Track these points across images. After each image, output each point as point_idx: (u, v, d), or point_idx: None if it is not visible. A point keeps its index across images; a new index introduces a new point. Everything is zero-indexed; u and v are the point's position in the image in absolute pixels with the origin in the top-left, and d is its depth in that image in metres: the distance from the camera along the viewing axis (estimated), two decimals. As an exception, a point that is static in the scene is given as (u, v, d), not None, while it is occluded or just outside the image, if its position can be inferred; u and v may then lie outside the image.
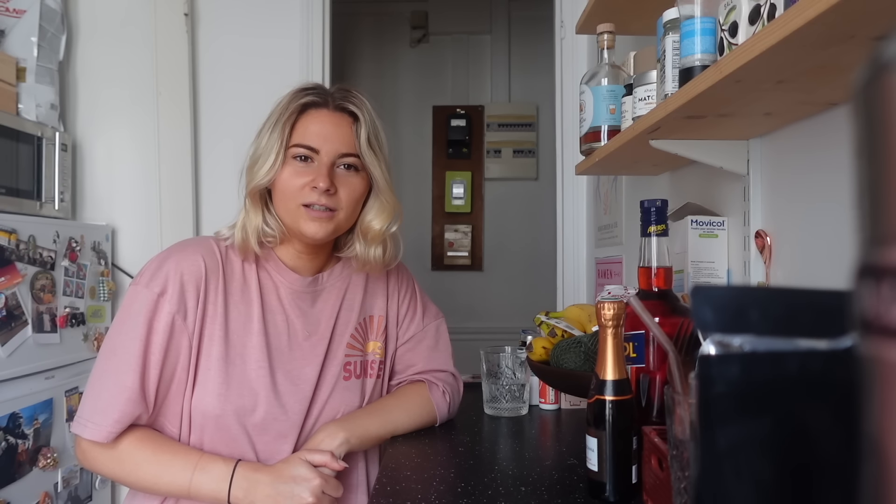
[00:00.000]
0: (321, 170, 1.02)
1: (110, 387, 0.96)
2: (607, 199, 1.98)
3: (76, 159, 2.30)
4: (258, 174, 1.03)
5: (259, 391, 1.02)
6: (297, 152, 1.03)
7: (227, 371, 1.01)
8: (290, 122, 1.03)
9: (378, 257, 1.11)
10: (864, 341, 0.22)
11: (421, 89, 3.79)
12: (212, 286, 1.02)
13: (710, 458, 0.38)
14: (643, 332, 0.86)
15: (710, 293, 0.39)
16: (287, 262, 1.10)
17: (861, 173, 0.22)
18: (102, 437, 0.95)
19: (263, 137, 1.04)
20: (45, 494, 1.85)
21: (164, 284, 0.99)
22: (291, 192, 1.02)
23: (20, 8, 2.06)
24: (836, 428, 0.36)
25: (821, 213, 0.88)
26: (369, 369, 1.14)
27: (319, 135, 1.03)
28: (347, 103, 1.06)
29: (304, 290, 1.10)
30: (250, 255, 1.07)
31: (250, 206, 1.05)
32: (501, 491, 0.85)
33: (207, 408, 1.00)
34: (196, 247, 1.05)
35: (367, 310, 1.16)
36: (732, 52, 0.69)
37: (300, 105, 1.04)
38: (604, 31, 1.23)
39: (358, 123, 1.06)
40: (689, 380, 0.60)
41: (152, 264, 1.02)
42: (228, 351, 1.01)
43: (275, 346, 1.05)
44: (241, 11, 2.38)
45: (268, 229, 1.05)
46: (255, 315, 1.04)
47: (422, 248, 3.77)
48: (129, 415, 0.96)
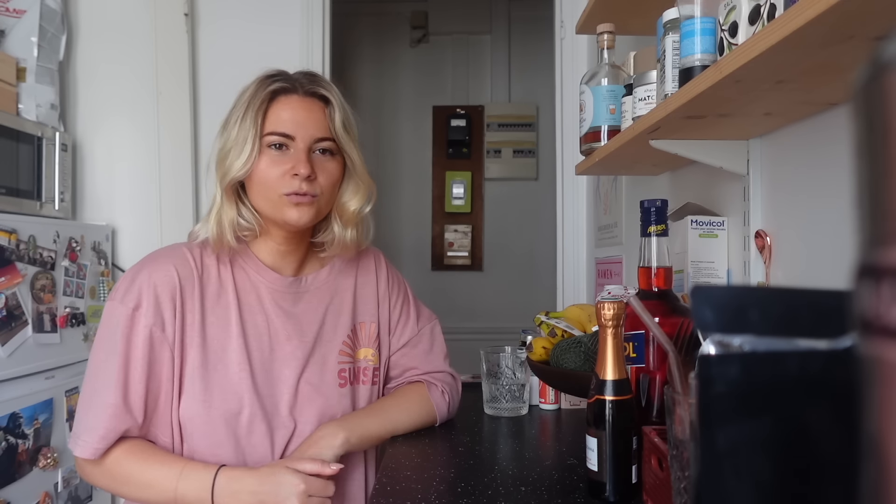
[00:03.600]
0: (299, 156, 1.00)
1: (95, 404, 0.97)
2: (607, 199, 1.98)
3: (76, 159, 2.30)
4: (233, 166, 1.00)
5: (243, 394, 1.01)
6: (271, 140, 1.01)
7: (209, 377, 1.00)
8: (261, 111, 1.01)
9: (354, 238, 1.10)
10: (864, 341, 0.22)
11: (421, 89, 3.79)
12: (187, 294, 1.01)
13: (710, 458, 0.38)
14: (643, 332, 0.86)
15: (710, 293, 0.39)
16: (266, 261, 1.08)
17: (861, 173, 0.22)
18: (89, 453, 0.96)
19: (233, 129, 1.02)
20: (45, 494, 1.85)
21: (139, 298, 0.98)
22: (271, 182, 1.00)
23: (20, 8, 2.06)
24: (836, 428, 0.36)
25: (821, 213, 0.88)
26: (362, 376, 1.13)
27: (293, 121, 1.01)
28: (317, 87, 1.05)
29: (286, 289, 1.08)
30: (225, 252, 1.05)
31: (224, 199, 1.03)
32: (501, 491, 0.85)
33: (194, 415, 0.99)
34: (167, 257, 1.03)
35: (357, 316, 1.15)
36: (732, 52, 0.69)
37: (270, 92, 1.02)
38: (604, 31, 1.23)
39: (330, 107, 1.05)
40: (689, 380, 0.60)
41: (126, 279, 1.02)
42: (209, 357, 1.01)
43: (255, 347, 1.04)
44: (242, 11, 2.39)
45: (243, 222, 1.03)
46: (232, 318, 1.03)
47: (422, 248, 3.77)
48: (114, 430, 0.96)
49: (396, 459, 1.00)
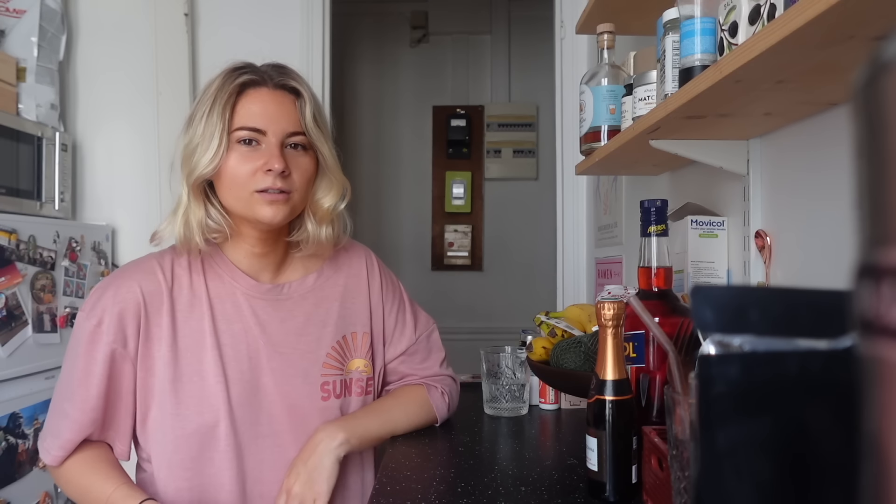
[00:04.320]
0: (272, 151, 0.96)
1: (57, 413, 1.00)
2: (607, 199, 1.98)
3: (76, 159, 2.30)
4: (200, 163, 0.96)
5: (219, 406, 0.99)
6: (241, 136, 0.96)
7: (184, 389, 0.99)
8: (229, 105, 0.96)
9: (329, 236, 1.05)
10: (864, 341, 0.22)
11: (421, 89, 3.79)
12: (153, 311, 0.99)
13: (710, 458, 0.38)
14: (643, 332, 0.86)
15: (710, 293, 0.39)
16: (241, 266, 1.05)
17: (861, 173, 0.22)
18: (49, 460, 1.00)
19: (199, 124, 0.97)
20: (45, 494, 1.85)
21: (101, 316, 0.98)
22: (242, 179, 0.96)
23: (20, 8, 2.06)
24: (836, 428, 0.36)
25: (821, 212, 0.88)
26: (354, 387, 1.10)
27: (264, 115, 0.97)
28: (287, 79, 1.01)
29: (263, 296, 1.05)
30: (197, 259, 1.03)
31: (192, 198, 0.98)
32: (501, 491, 0.85)
33: (165, 428, 0.99)
34: (133, 273, 1.01)
35: (347, 327, 1.10)
36: (732, 52, 0.69)
37: (237, 85, 0.98)
38: (604, 31, 1.23)
39: (301, 100, 1.00)
40: (689, 380, 0.60)
41: (94, 295, 1.01)
42: (183, 370, 0.99)
43: (232, 357, 1.01)
44: (241, 11, 2.39)
45: (212, 223, 0.99)
46: (206, 329, 1.00)
47: (422, 248, 3.77)
48: (72, 441, 0.99)
49: (396, 459, 1.00)
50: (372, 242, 3.57)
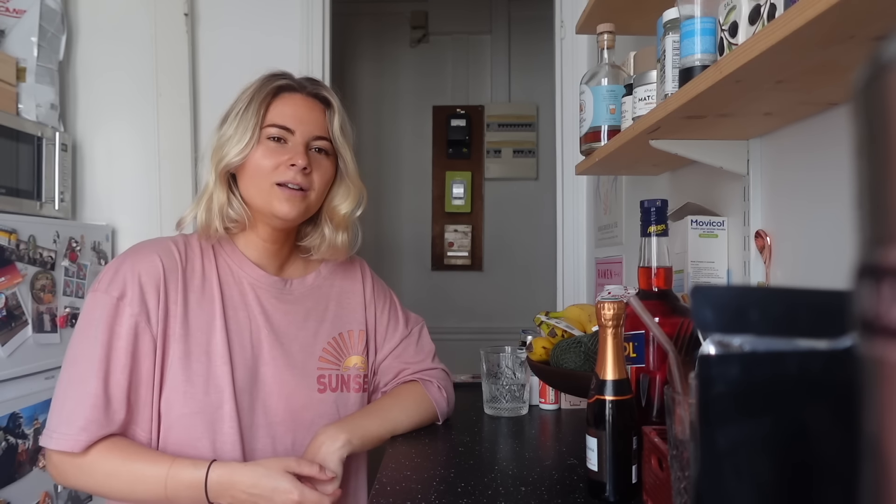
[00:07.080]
0: (297, 149, 1.03)
1: (73, 395, 0.93)
2: (607, 199, 1.98)
3: (76, 159, 2.30)
4: (230, 153, 1.02)
5: (224, 388, 1.00)
6: (271, 132, 1.03)
7: (192, 368, 0.99)
8: (264, 104, 1.04)
9: (345, 242, 1.12)
10: (864, 341, 0.22)
11: (421, 89, 3.79)
12: (171, 286, 1.01)
13: (710, 458, 0.38)
14: (643, 332, 0.86)
15: (710, 293, 0.39)
16: (251, 256, 1.09)
17: (861, 173, 0.22)
18: (69, 445, 0.92)
19: (234, 120, 1.04)
20: (45, 494, 1.85)
21: (123, 288, 0.97)
22: (265, 170, 1.02)
23: (20, 8, 2.06)
24: (836, 428, 0.36)
25: (821, 212, 0.88)
26: (352, 384, 1.12)
27: (294, 116, 1.05)
28: (320, 90, 1.09)
29: (269, 287, 1.09)
30: (210, 245, 1.06)
31: (218, 185, 1.04)
32: (501, 491, 0.85)
33: (175, 406, 0.98)
34: (152, 248, 1.03)
35: (343, 325, 1.15)
36: (732, 52, 0.69)
37: (274, 88, 1.06)
38: (604, 31, 1.23)
39: (331, 110, 1.08)
40: (689, 380, 0.60)
41: (109, 269, 1.00)
42: (192, 349, 1.00)
43: (237, 342, 1.03)
44: (242, 11, 2.38)
45: (231, 212, 1.04)
46: (216, 312, 1.03)
47: (422, 248, 3.77)
48: (95, 422, 0.92)
49: (396, 459, 1.00)
50: (372, 242, 3.59)
